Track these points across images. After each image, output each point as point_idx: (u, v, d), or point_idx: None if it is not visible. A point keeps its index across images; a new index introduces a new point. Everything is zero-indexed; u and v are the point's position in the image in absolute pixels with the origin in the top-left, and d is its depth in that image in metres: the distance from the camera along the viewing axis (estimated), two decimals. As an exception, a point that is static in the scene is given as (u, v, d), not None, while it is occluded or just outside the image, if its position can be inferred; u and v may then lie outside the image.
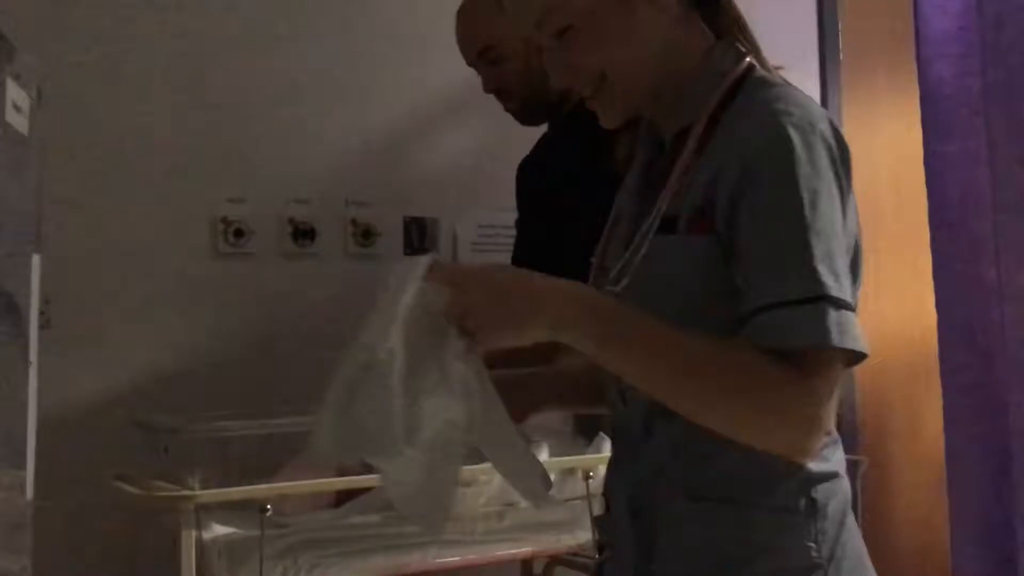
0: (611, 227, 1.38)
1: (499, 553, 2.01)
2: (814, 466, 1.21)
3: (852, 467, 3.27)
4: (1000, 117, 2.13)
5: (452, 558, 1.95)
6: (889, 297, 3.43)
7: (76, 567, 2.11)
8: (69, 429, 2.18)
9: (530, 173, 2.38)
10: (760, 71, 1.26)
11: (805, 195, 1.13)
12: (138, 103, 2.38)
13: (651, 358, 1.14)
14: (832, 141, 1.20)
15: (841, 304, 1.11)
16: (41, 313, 1.33)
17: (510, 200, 2.40)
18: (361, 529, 1.93)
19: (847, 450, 3.46)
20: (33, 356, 1.28)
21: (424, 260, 1.20)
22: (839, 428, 1.26)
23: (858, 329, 1.12)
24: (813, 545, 1.19)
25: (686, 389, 1.14)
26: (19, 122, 1.18)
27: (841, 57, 3.38)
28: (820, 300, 1.10)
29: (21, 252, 1.24)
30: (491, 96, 2.30)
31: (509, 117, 2.32)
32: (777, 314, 1.11)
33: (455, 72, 2.35)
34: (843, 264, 1.14)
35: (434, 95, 2.71)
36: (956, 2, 2.26)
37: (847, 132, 3.58)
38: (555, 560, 2.25)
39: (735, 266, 1.16)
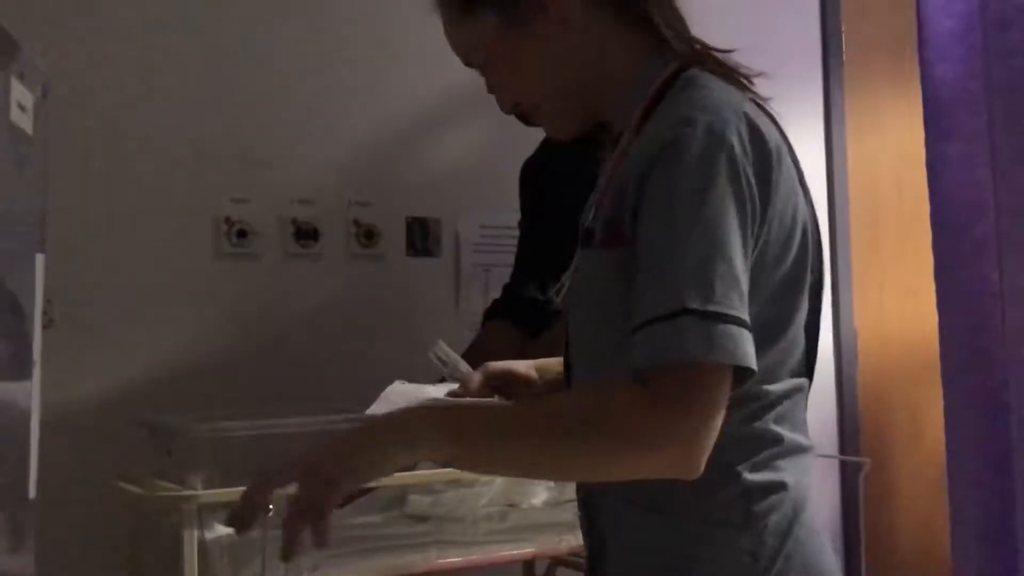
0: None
1: (501, 554, 2.01)
2: (754, 477, 1.17)
3: (854, 469, 3.28)
4: (1003, 119, 2.12)
5: (454, 559, 1.95)
6: (892, 299, 3.43)
7: (78, 567, 2.11)
8: (72, 429, 2.18)
9: (533, 173, 2.38)
10: (693, 71, 1.21)
11: (681, 208, 1.09)
12: (142, 103, 2.38)
13: (500, 445, 1.10)
14: (741, 149, 1.12)
15: (711, 316, 1.05)
16: (44, 313, 1.33)
17: (513, 200, 2.40)
18: (363, 530, 1.93)
19: (850, 451, 3.45)
20: (36, 356, 1.28)
21: None
22: (840, 431, 1.26)
23: (735, 342, 1.06)
24: (748, 560, 1.16)
25: (545, 461, 1.12)
26: (23, 121, 1.18)
27: (844, 58, 3.38)
28: (682, 314, 1.05)
29: (25, 252, 1.24)
30: (493, 96, 2.30)
31: (511, 118, 2.31)
32: (644, 333, 1.07)
33: (457, 72, 2.34)
34: (728, 276, 1.07)
35: (437, 95, 2.71)
36: (959, 3, 2.26)
37: (849, 133, 3.58)
38: (557, 561, 2.25)
39: None
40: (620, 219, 1.15)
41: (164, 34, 2.42)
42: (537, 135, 2.36)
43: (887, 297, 3.44)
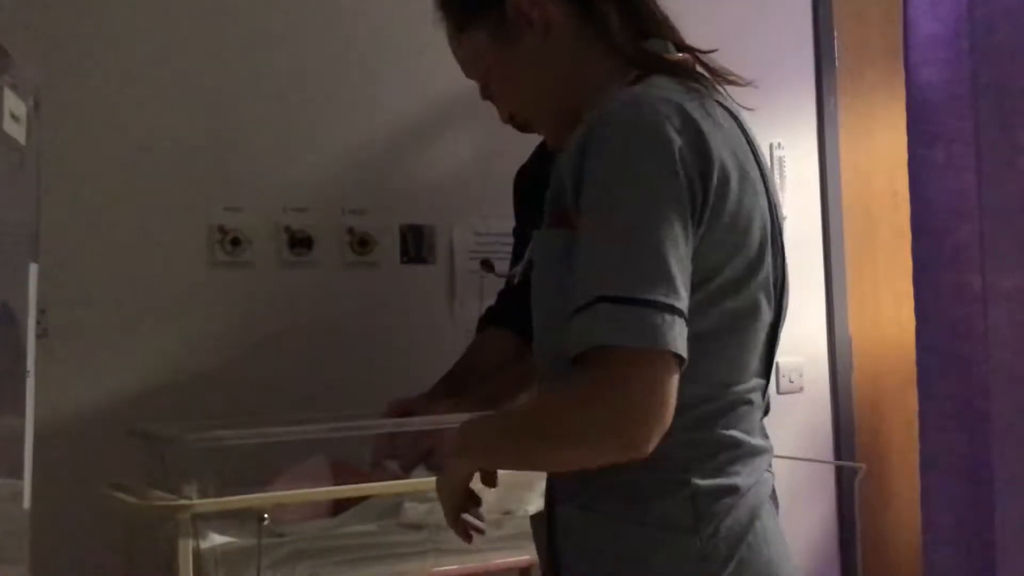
0: None
1: (498, 561, 2.00)
2: (705, 481, 1.17)
3: (849, 474, 3.28)
4: (989, 122, 2.12)
5: (450, 567, 1.95)
6: (886, 304, 3.44)
7: (73, 577, 2.10)
8: (66, 438, 2.18)
9: (527, 180, 2.38)
10: (653, 76, 1.24)
11: (604, 198, 1.12)
12: (134, 112, 2.38)
13: (497, 445, 1.25)
14: (678, 144, 1.13)
15: (623, 301, 1.07)
16: (38, 323, 1.32)
17: (507, 207, 2.40)
18: (359, 538, 1.92)
19: (845, 456, 3.45)
20: (30, 365, 1.27)
21: None
22: (836, 436, 1.26)
23: (651, 325, 1.06)
24: (697, 563, 1.16)
25: (521, 456, 1.24)
26: (16, 131, 1.18)
27: (837, 64, 3.38)
28: (597, 303, 1.08)
29: (18, 261, 1.24)
30: (488, 103, 2.30)
31: (506, 124, 2.32)
32: (571, 323, 1.11)
33: (452, 79, 2.35)
34: (650, 262, 1.09)
35: (431, 103, 2.71)
36: (946, 7, 2.26)
37: (843, 139, 3.58)
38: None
39: None
40: (563, 202, 1.19)
41: (157, 44, 2.41)
42: (531, 142, 2.37)
43: (882, 303, 3.45)
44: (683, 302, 1.10)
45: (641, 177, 1.11)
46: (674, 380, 1.08)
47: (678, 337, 1.08)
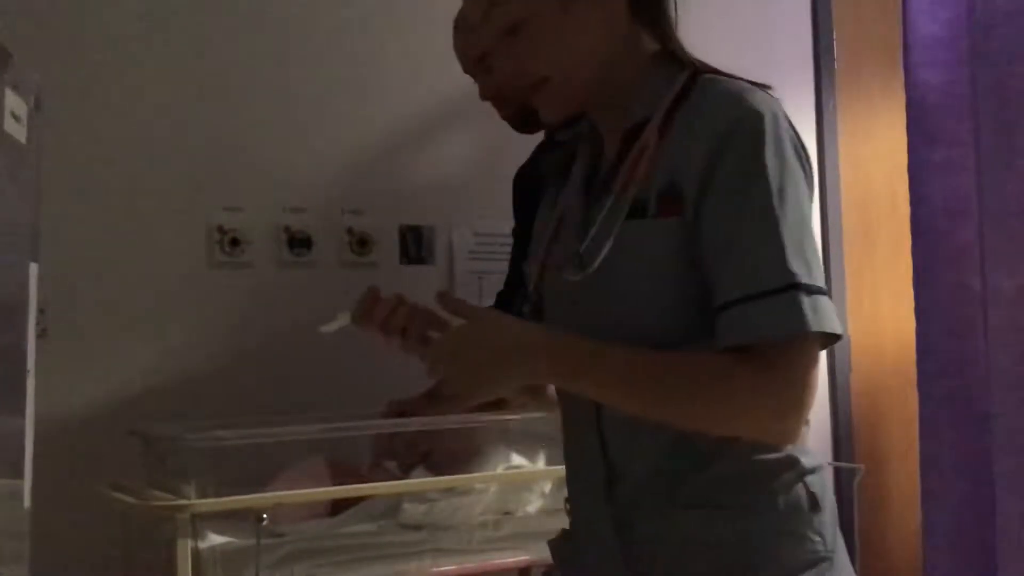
0: (556, 224, 1.39)
1: (496, 562, 2.01)
2: (805, 460, 1.22)
3: (848, 474, 3.28)
4: (989, 124, 2.12)
5: (449, 567, 1.95)
6: (885, 305, 3.43)
7: (72, 576, 2.10)
8: (66, 438, 2.18)
9: (526, 180, 2.38)
10: (709, 75, 1.27)
11: (773, 184, 1.16)
12: (135, 113, 2.38)
13: (624, 386, 1.18)
14: (794, 133, 1.22)
15: (813, 290, 1.13)
16: (37, 323, 1.32)
17: (506, 208, 2.40)
18: (357, 538, 1.92)
19: (844, 458, 3.46)
20: (30, 365, 1.27)
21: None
22: (835, 437, 1.27)
23: (832, 311, 1.15)
24: (819, 538, 1.20)
25: (663, 410, 1.18)
26: (17, 131, 1.18)
27: (836, 66, 3.39)
28: (791, 288, 1.12)
29: (18, 261, 1.24)
30: (487, 104, 2.30)
31: (505, 125, 2.32)
32: (748, 308, 1.13)
33: (451, 80, 2.36)
34: (813, 251, 1.17)
35: (430, 103, 2.71)
36: (946, 9, 2.25)
37: (842, 140, 3.58)
38: (552, 569, 2.24)
39: (699, 254, 1.18)
40: (677, 192, 1.19)
41: (157, 44, 2.42)
42: (530, 143, 2.37)
43: (881, 304, 3.45)
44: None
45: (796, 172, 1.19)
46: None
47: (838, 322, 1.16)
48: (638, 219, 1.22)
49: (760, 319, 1.13)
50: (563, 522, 2.06)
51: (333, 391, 2.46)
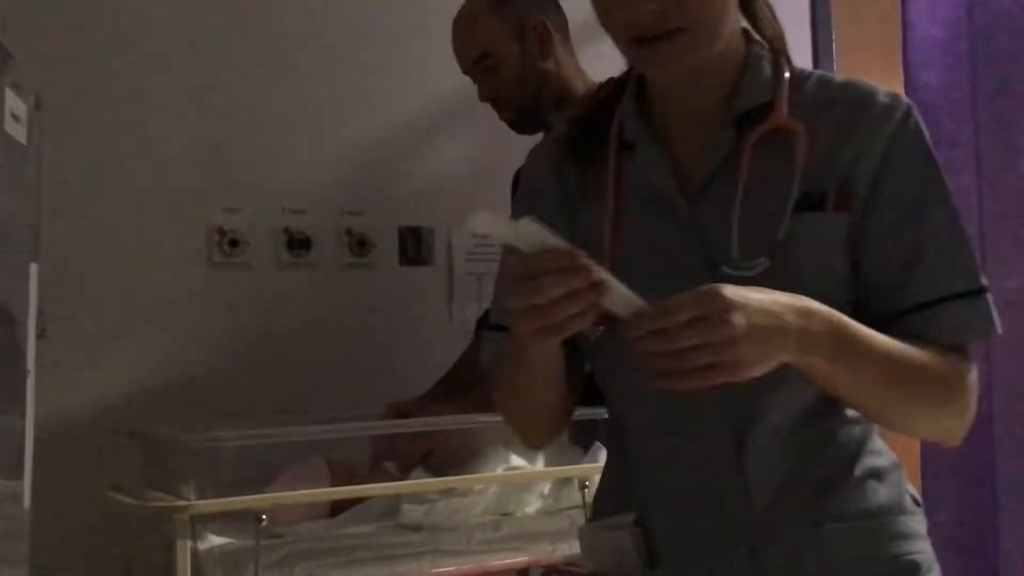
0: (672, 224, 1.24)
1: (495, 563, 2.00)
2: (895, 456, 1.25)
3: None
4: (989, 125, 2.13)
5: (448, 568, 1.95)
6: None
7: (71, 577, 2.10)
8: (65, 438, 2.17)
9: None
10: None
11: (945, 183, 1.18)
12: (135, 113, 2.38)
13: (871, 371, 1.11)
14: None
15: (987, 291, 1.17)
16: (37, 323, 1.32)
17: (505, 209, 2.40)
18: (356, 539, 1.92)
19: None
20: (30, 365, 1.27)
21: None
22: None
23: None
24: (927, 538, 1.22)
25: (892, 398, 1.15)
26: (17, 131, 1.18)
27: (835, 67, 3.38)
28: (984, 291, 1.16)
29: (19, 261, 1.24)
30: (487, 105, 2.30)
31: (505, 126, 2.32)
32: (952, 308, 1.15)
33: (451, 81, 2.36)
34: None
35: (430, 104, 2.71)
36: (946, 10, 2.26)
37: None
38: (551, 570, 2.24)
39: (864, 251, 1.17)
40: (852, 186, 1.17)
41: (156, 44, 2.41)
42: (530, 144, 2.37)
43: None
44: None
45: (940, 163, 1.21)
46: None
47: None
48: (815, 211, 1.16)
49: (966, 319, 1.15)
50: (562, 522, 2.07)
51: (333, 392, 2.46)
